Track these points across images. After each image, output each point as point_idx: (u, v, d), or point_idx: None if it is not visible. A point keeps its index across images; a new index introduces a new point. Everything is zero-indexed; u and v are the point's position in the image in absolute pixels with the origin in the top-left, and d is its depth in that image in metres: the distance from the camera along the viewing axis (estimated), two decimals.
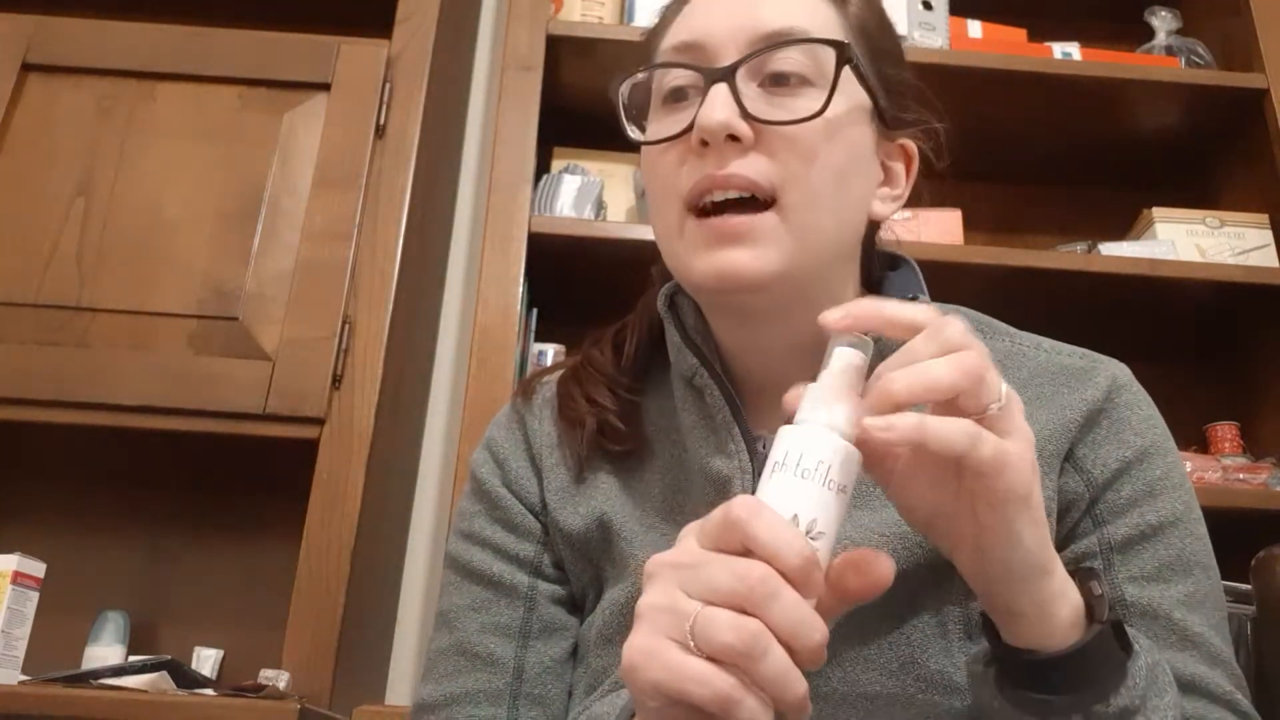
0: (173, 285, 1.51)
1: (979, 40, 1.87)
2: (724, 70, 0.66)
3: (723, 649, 0.44)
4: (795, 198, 0.66)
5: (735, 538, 0.46)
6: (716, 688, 0.44)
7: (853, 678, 0.63)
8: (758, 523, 0.46)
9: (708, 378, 0.71)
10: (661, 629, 0.46)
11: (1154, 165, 1.95)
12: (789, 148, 0.66)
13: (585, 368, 0.78)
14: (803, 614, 0.44)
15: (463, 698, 0.70)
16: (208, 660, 1.54)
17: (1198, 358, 1.88)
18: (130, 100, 1.61)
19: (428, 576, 1.80)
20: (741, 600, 0.44)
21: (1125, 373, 0.72)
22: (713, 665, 0.44)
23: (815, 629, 0.45)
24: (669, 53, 0.71)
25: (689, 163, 0.67)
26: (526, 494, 0.76)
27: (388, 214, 1.58)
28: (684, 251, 0.68)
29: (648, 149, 0.71)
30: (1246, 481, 1.61)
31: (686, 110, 0.68)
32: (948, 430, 0.47)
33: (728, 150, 0.65)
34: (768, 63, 0.67)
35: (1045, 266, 1.64)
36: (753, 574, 0.44)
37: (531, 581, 0.74)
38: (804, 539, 0.46)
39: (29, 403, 1.45)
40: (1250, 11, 1.81)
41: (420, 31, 1.70)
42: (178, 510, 1.70)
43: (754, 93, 0.67)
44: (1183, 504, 0.67)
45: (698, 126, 0.65)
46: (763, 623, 0.44)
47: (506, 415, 0.81)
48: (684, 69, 0.69)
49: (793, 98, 0.67)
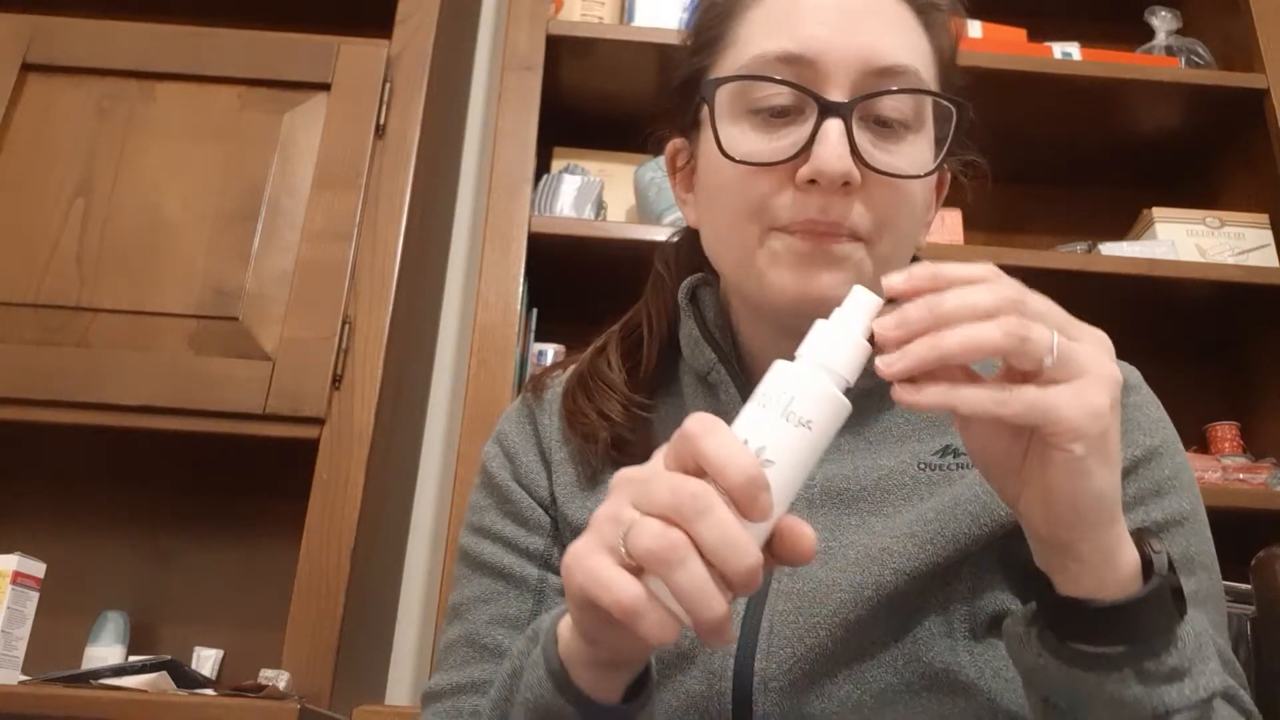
0: (173, 285, 1.51)
1: (979, 40, 1.87)
2: (843, 106, 0.63)
3: (643, 554, 0.45)
4: (887, 245, 0.66)
5: (688, 452, 0.46)
6: (619, 595, 0.45)
7: (858, 675, 0.63)
8: (708, 439, 0.46)
9: (724, 374, 0.71)
10: (600, 536, 0.47)
11: (1154, 165, 1.95)
12: (890, 197, 0.65)
13: (593, 379, 0.77)
14: (732, 532, 0.44)
15: (470, 687, 0.70)
16: (208, 660, 1.54)
17: (1198, 358, 1.88)
18: (130, 100, 1.61)
19: (428, 577, 1.80)
20: (673, 512, 0.45)
21: (1135, 375, 0.72)
22: (626, 575, 0.45)
23: (745, 550, 0.44)
24: (771, 61, 0.66)
25: (789, 194, 0.65)
26: (536, 488, 0.76)
27: (388, 214, 1.58)
28: (766, 265, 0.66)
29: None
30: (1246, 481, 1.61)
31: (786, 130, 0.65)
32: (976, 397, 0.47)
33: (836, 194, 0.64)
34: (881, 101, 0.65)
35: (1045, 266, 1.64)
36: (687, 488, 0.45)
37: (541, 574, 0.74)
38: (753, 458, 0.46)
39: (29, 403, 1.45)
40: (1250, 11, 1.81)
41: (420, 31, 1.70)
42: (178, 510, 1.70)
43: (861, 131, 0.64)
44: (1189, 504, 0.67)
45: (816, 169, 0.62)
46: (690, 536, 0.44)
47: (517, 410, 0.81)
48: (797, 90, 0.65)
49: (897, 143, 0.66)
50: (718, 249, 0.71)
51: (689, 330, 0.74)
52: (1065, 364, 0.48)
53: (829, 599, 0.64)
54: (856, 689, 0.63)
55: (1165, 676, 0.51)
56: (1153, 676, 0.50)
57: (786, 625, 0.64)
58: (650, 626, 0.44)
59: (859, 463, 0.69)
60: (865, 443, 0.70)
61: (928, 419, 0.70)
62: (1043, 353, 0.47)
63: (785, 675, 0.63)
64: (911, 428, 0.70)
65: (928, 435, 0.70)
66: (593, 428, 0.73)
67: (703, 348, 0.73)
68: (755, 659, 0.63)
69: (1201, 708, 0.51)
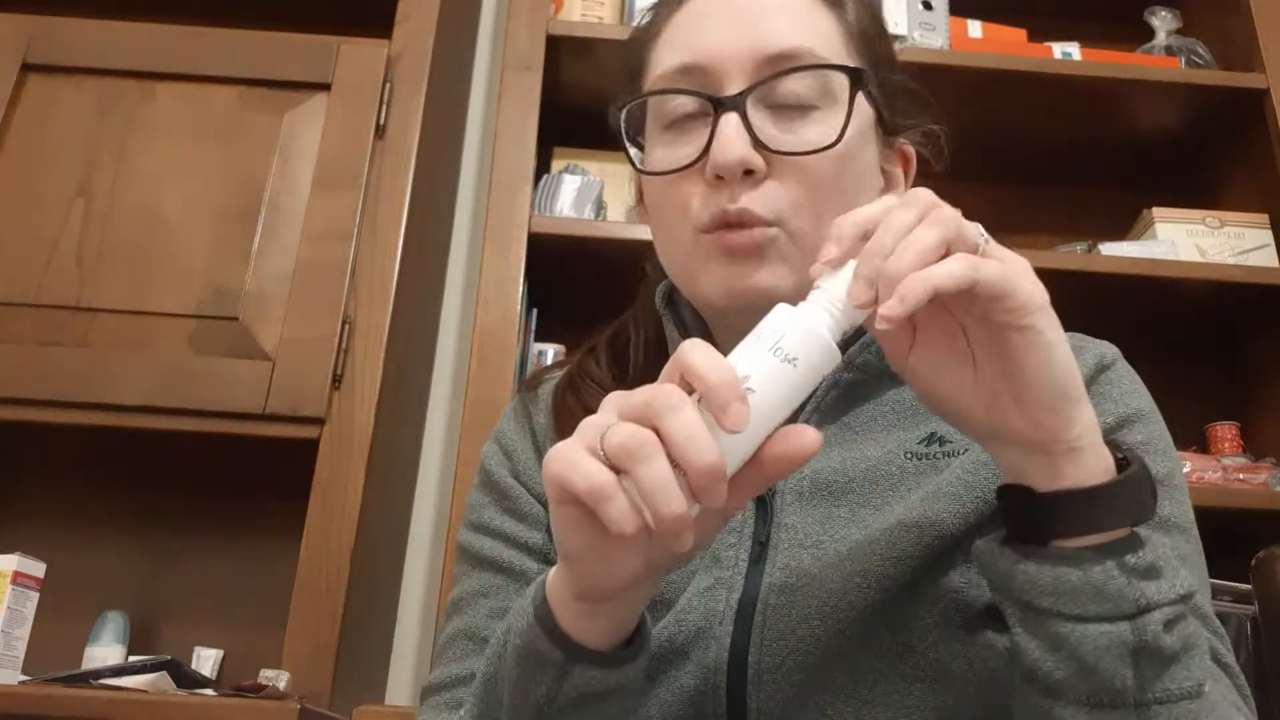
0: (173, 285, 1.51)
1: (979, 40, 1.88)
2: (734, 99, 0.66)
3: (614, 449, 0.47)
4: (805, 223, 0.67)
5: (675, 368, 0.49)
6: (591, 479, 0.47)
7: (851, 665, 0.63)
8: (692, 353, 0.48)
9: None
10: (582, 436, 0.49)
11: (1154, 165, 1.95)
12: (800, 176, 0.66)
13: (582, 379, 0.78)
14: (696, 429, 0.46)
15: (469, 679, 0.70)
16: (208, 660, 1.54)
17: (1198, 358, 1.88)
18: (130, 100, 1.61)
19: (428, 576, 1.80)
20: (648, 410, 0.47)
21: (1113, 351, 0.73)
22: (598, 463, 0.47)
23: (707, 447, 0.46)
24: (670, 76, 0.70)
25: (701, 193, 0.67)
26: (534, 484, 0.76)
27: (388, 214, 1.58)
28: (698, 271, 0.69)
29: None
30: (1246, 481, 1.61)
31: (692, 135, 0.68)
32: (952, 267, 0.49)
33: (743, 184, 0.66)
34: (777, 86, 0.67)
35: (1045, 266, 1.62)
36: (663, 390, 0.48)
37: (541, 568, 0.74)
38: (730, 368, 0.48)
39: (29, 403, 1.45)
40: (1250, 11, 1.81)
41: (420, 31, 1.70)
42: (178, 510, 1.70)
43: (763, 118, 0.67)
44: (1165, 469, 0.67)
45: (714, 164, 0.65)
46: (657, 433, 0.46)
47: (514, 408, 0.82)
48: (690, 95, 0.68)
49: (803, 122, 0.67)
50: (664, 261, 0.74)
51: (670, 332, 0.76)
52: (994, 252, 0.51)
53: (821, 590, 0.64)
54: (850, 679, 0.63)
55: (1144, 572, 0.52)
56: (1133, 570, 0.52)
57: (779, 618, 0.64)
58: (614, 510, 0.46)
59: (846, 455, 0.69)
60: (851, 433, 0.71)
61: (911, 406, 0.71)
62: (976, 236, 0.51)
63: (779, 667, 0.63)
64: (896, 416, 0.71)
65: (912, 423, 0.71)
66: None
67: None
68: (749, 651, 0.64)
69: (1177, 606, 0.52)
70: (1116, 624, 0.51)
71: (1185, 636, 0.52)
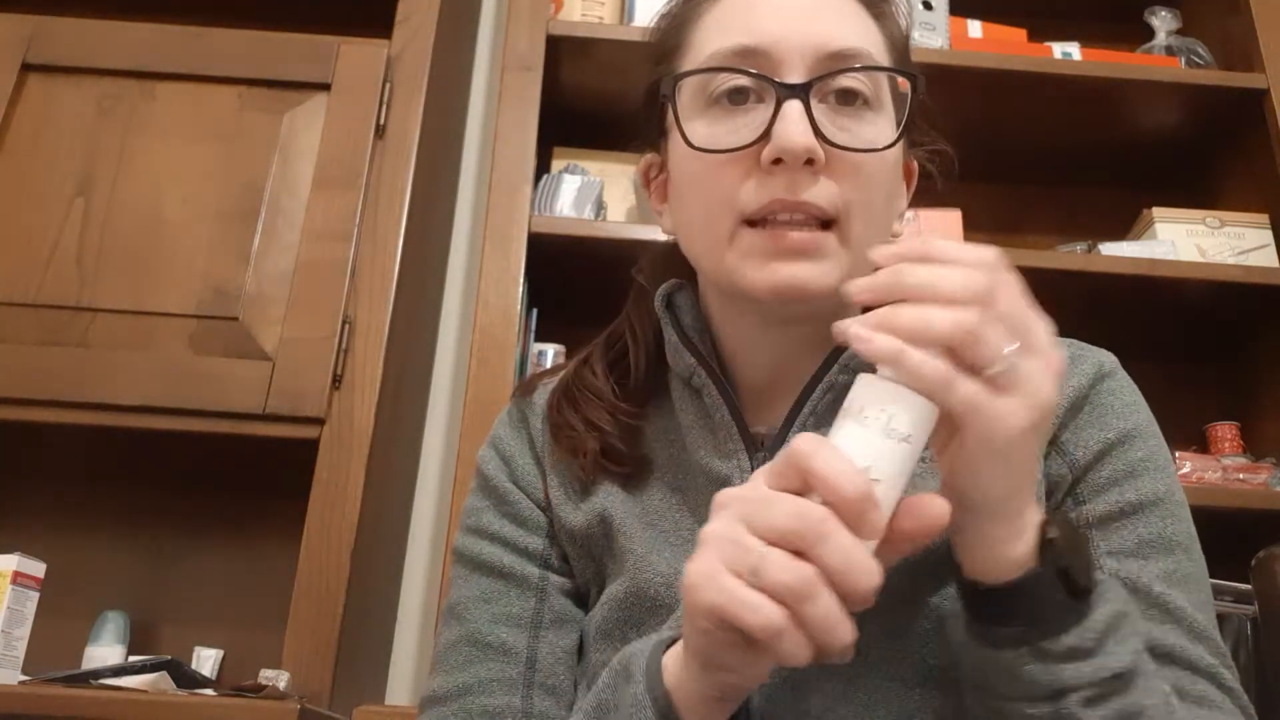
0: (173, 285, 1.51)
1: (979, 40, 1.88)
2: (800, 88, 0.65)
3: (779, 588, 0.46)
4: (857, 225, 0.66)
5: (796, 473, 0.48)
6: (768, 616, 0.46)
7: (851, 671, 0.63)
8: (816, 458, 0.48)
9: (705, 377, 0.71)
10: (722, 557, 0.48)
11: (1154, 165, 1.95)
12: (854, 174, 0.66)
13: (579, 389, 0.77)
14: (856, 555, 0.46)
15: (475, 687, 0.70)
16: (208, 660, 1.54)
17: (1198, 358, 1.88)
18: (130, 100, 1.61)
19: (428, 577, 1.80)
20: (797, 538, 0.46)
21: (1111, 361, 0.72)
22: (766, 600, 0.46)
23: (867, 571, 0.46)
24: (726, 55, 0.68)
25: (755, 178, 0.66)
26: (533, 489, 0.76)
27: (388, 214, 1.58)
28: (738, 260, 0.67)
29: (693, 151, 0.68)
30: (1246, 481, 1.61)
31: (747, 117, 0.66)
32: (923, 366, 0.49)
33: (801, 173, 0.64)
34: (835, 83, 0.67)
35: (1045, 266, 1.64)
36: (812, 514, 0.47)
37: (542, 573, 0.74)
38: (861, 474, 0.47)
39: (29, 403, 1.45)
40: (1250, 11, 1.81)
41: (420, 31, 1.70)
42: (178, 510, 1.70)
43: (821, 112, 0.66)
44: (1164, 486, 0.67)
45: (778, 147, 0.63)
46: (816, 565, 0.46)
47: (510, 413, 0.81)
48: (753, 78, 0.67)
49: (858, 121, 0.67)
50: (693, 247, 0.72)
51: (669, 336, 0.75)
52: (1006, 376, 0.50)
53: None
54: (850, 685, 0.63)
55: (1062, 655, 0.52)
56: (1049, 655, 0.52)
57: None
58: (790, 646, 0.46)
59: None
60: None
61: None
62: (990, 359, 0.49)
63: (779, 672, 0.63)
64: None
65: None
66: (580, 439, 0.74)
67: (682, 353, 0.73)
68: None
69: (1107, 684, 0.52)
70: (1036, 704, 0.53)
71: (1120, 709, 0.53)
